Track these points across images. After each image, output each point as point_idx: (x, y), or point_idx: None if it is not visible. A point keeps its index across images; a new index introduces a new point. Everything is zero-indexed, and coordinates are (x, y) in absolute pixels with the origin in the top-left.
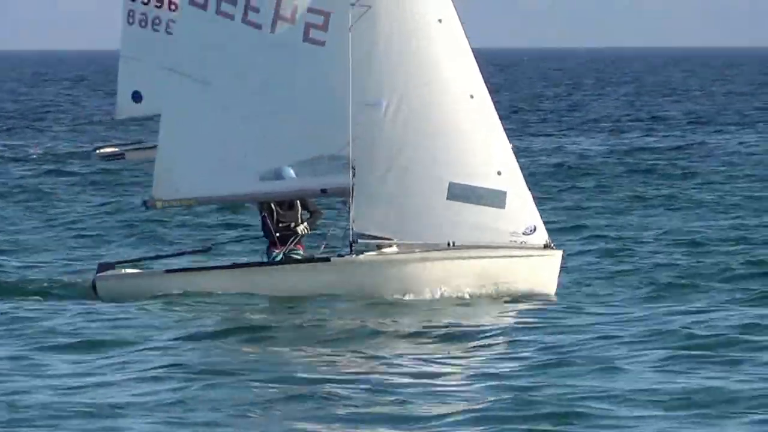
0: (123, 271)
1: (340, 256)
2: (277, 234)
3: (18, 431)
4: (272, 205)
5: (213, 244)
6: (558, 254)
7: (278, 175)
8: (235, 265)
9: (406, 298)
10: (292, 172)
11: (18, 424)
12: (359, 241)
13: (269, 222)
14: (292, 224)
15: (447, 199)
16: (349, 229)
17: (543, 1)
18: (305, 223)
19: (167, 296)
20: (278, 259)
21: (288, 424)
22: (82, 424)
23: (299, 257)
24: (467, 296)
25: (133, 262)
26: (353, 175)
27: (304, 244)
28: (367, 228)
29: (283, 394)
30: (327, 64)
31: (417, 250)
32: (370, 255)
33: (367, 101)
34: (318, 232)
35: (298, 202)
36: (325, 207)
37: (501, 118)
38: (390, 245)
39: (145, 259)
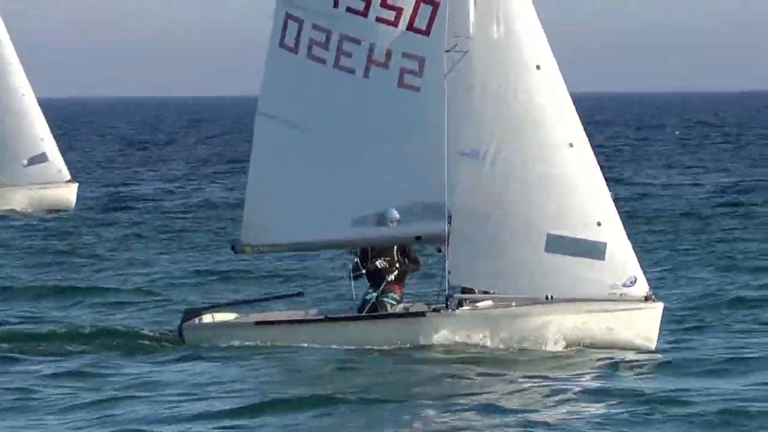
0: (211, 317)
1: (435, 311)
2: (374, 264)
3: None
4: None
5: (303, 289)
6: (659, 306)
7: (382, 217)
8: (327, 318)
9: (501, 352)
10: (396, 213)
11: None
12: (455, 295)
13: (361, 263)
14: (386, 265)
15: (545, 251)
16: (444, 280)
17: None
18: (398, 267)
19: (256, 348)
20: (371, 298)
21: None
22: None
23: (394, 301)
24: (565, 351)
25: (220, 308)
26: (449, 223)
27: (401, 289)
28: (462, 279)
29: None
30: (422, 111)
31: (513, 303)
32: (466, 310)
33: (464, 149)
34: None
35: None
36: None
37: (600, 166)
38: (485, 299)
39: (232, 304)
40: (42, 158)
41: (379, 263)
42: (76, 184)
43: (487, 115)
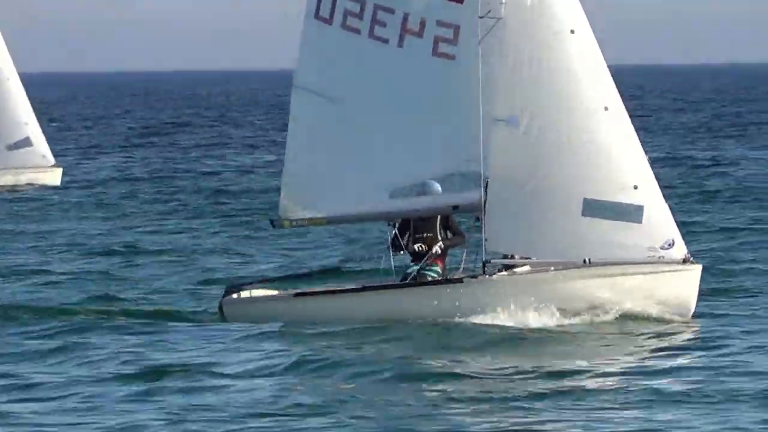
0: (251, 293)
1: (473, 277)
2: (413, 247)
3: None
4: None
5: (342, 262)
6: (698, 269)
7: (424, 190)
8: (365, 288)
9: (541, 317)
10: (438, 186)
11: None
12: (492, 261)
13: (401, 236)
14: (428, 238)
15: (582, 215)
16: (481, 247)
17: None
18: (440, 242)
19: (296, 321)
20: (412, 272)
21: None
22: None
23: (436, 275)
24: (605, 315)
25: (261, 283)
26: (485, 192)
27: (444, 262)
28: (500, 246)
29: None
30: (458, 79)
31: (552, 268)
32: (503, 275)
33: (499, 116)
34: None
35: (438, 217)
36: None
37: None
38: (523, 264)
39: (273, 279)
40: (26, 143)
41: (417, 247)
42: (61, 169)
43: (522, 81)
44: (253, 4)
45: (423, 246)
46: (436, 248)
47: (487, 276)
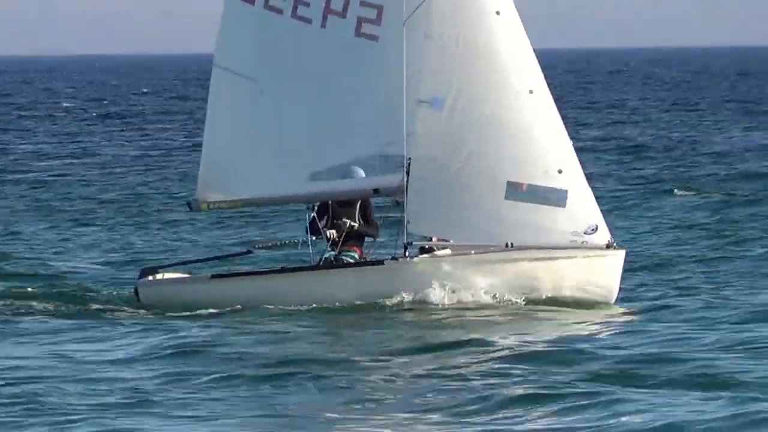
0: (165, 275)
1: (393, 259)
2: (329, 232)
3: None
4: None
5: (256, 246)
6: (621, 254)
7: (345, 173)
8: (283, 270)
9: (461, 301)
10: (361, 171)
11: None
12: (414, 243)
13: (319, 220)
14: (347, 223)
15: (505, 198)
16: (402, 229)
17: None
18: (357, 227)
19: (212, 303)
20: (330, 257)
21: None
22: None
23: (353, 260)
24: (525, 300)
25: (176, 266)
26: (407, 174)
27: (361, 248)
28: (421, 229)
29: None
30: (380, 60)
31: (473, 252)
32: (424, 257)
33: (423, 98)
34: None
35: (358, 202)
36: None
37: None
38: (444, 247)
39: (188, 262)
40: None
41: (331, 233)
42: None
43: (446, 62)
44: None
45: (338, 232)
46: (349, 224)
47: (408, 258)
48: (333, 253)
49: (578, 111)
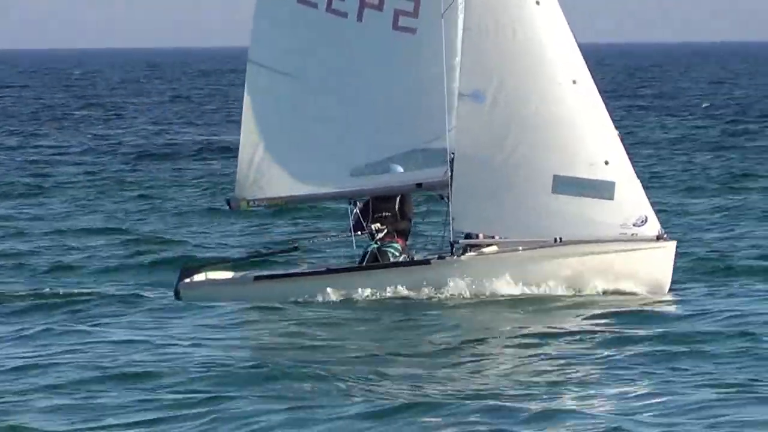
0: (207, 275)
1: (440, 258)
2: (370, 227)
3: None
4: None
5: (299, 241)
6: (672, 245)
7: (386, 170)
8: (329, 270)
9: (511, 298)
10: (399, 168)
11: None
12: (460, 241)
13: (361, 214)
14: (388, 218)
15: (552, 192)
16: (448, 226)
17: None
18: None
19: (257, 306)
20: (372, 249)
21: None
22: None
23: (397, 251)
24: (578, 294)
25: (218, 264)
26: (451, 169)
27: (405, 239)
28: (467, 226)
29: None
30: (419, 53)
31: (521, 248)
32: (471, 255)
33: (464, 91)
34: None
35: (397, 197)
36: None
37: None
38: (491, 244)
39: (230, 260)
40: None
41: (375, 227)
42: None
43: (487, 54)
44: None
45: (380, 226)
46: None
47: (455, 257)
48: (376, 246)
49: None
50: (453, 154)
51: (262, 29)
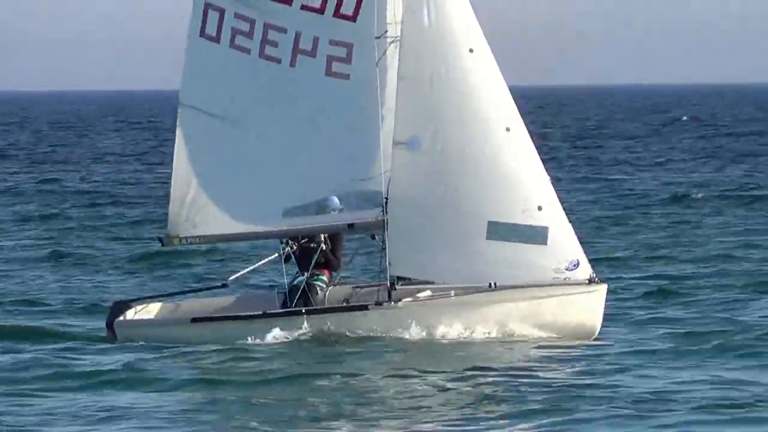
0: (143, 309)
1: (378, 304)
2: (303, 262)
3: None
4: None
5: (229, 279)
6: (603, 288)
7: (323, 206)
8: (265, 314)
9: (444, 340)
10: (337, 201)
11: None
12: (395, 287)
13: (294, 255)
14: (313, 245)
15: (487, 238)
16: (385, 271)
17: None
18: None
19: (193, 345)
20: (300, 282)
21: None
22: None
23: (323, 284)
24: (510, 337)
25: (149, 300)
26: (384, 212)
27: (330, 271)
28: (403, 271)
29: None
30: (353, 99)
31: (453, 293)
32: (408, 302)
33: (399, 139)
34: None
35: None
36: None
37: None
38: (426, 289)
39: (161, 296)
40: None
41: (294, 246)
42: None
43: (422, 103)
44: (135, 23)
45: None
46: (318, 254)
47: (392, 303)
48: (302, 278)
49: None
50: (386, 197)
51: (194, 73)
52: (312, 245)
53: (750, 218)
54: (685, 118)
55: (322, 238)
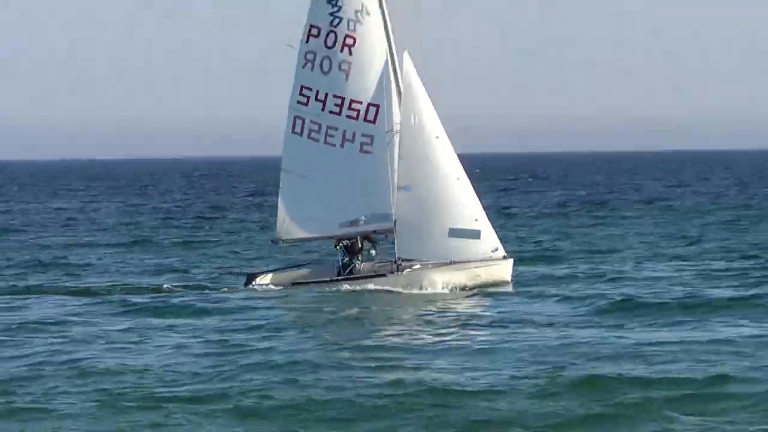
0: (263, 276)
1: (392, 273)
2: (351, 251)
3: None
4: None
5: (312, 261)
6: (510, 261)
7: (355, 221)
8: (331, 280)
9: (428, 292)
10: (363, 218)
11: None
12: (402, 264)
13: (344, 247)
14: (357, 247)
15: (448, 236)
16: (395, 255)
17: None
18: (365, 247)
19: (289, 298)
20: (346, 262)
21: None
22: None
23: (359, 263)
24: (462, 289)
25: (267, 272)
26: (395, 225)
27: (363, 255)
28: (405, 254)
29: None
30: (374, 165)
31: (430, 265)
32: (408, 271)
33: (400, 184)
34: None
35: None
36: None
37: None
38: (414, 264)
39: (278, 269)
40: None
41: (344, 242)
42: None
43: (410, 166)
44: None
45: (345, 243)
46: (362, 251)
47: (400, 272)
48: (346, 259)
49: None
50: (395, 218)
51: (288, 152)
52: (352, 241)
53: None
54: None
55: (358, 240)
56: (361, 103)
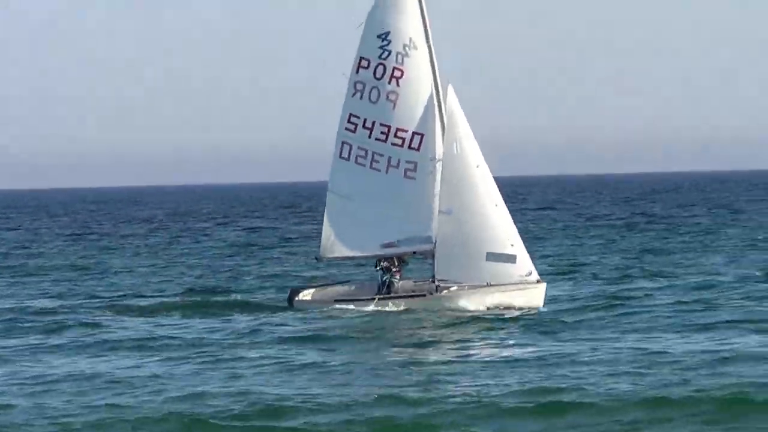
0: (307, 293)
1: (431, 293)
2: (389, 269)
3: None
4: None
5: (356, 280)
6: (544, 285)
7: (394, 244)
8: (371, 299)
9: (466, 312)
10: (405, 239)
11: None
12: (440, 285)
13: (383, 266)
14: (390, 262)
15: (486, 260)
16: (434, 277)
17: None
18: (400, 265)
19: (333, 315)
20: (386, 279)
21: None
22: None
23: (396, 281)
24: (499, 309)
25: (313, 287)
26: (435, 246)
27: (400, 273)
28: (444, 276)
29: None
30: (417, 189)
31: (467, 287)
32: (446, 292)
33: (441, 209)
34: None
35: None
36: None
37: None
38: (452, 286)
39: (320, 285)
40: None
41: (384, 264)
42: None
43: (452, 192)
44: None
45: (387, 263)
46: (393, 267)
47: (438, 293)
48: (387, 277)
49: None
50: (436, 239)
51: (335, 175)
52: (391, 261)
53: None
54: None
55: (394, 260)
56: (406, 131)
